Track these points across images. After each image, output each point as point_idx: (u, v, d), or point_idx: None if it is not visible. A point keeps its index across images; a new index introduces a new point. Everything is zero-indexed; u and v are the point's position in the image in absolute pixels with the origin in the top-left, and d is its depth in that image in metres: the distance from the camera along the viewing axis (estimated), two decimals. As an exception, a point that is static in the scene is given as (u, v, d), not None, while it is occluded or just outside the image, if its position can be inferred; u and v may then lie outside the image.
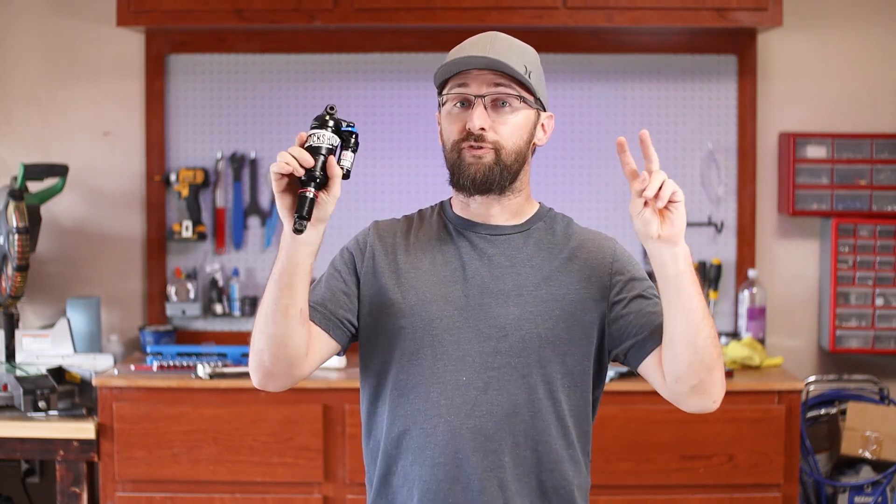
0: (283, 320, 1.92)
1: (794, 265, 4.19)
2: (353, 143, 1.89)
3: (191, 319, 4.19)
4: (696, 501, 3.62)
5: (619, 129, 4.11)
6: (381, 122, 4.16)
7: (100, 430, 3.61)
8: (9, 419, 3.57)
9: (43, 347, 3.87)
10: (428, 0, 3.82)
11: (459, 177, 2.00)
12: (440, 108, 2.06)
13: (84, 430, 3.58)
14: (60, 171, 3.98)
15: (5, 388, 3.61)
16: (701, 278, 4.06)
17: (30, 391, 3.58)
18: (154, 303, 4.19)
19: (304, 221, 1.83)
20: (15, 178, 3.87)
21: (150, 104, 4.17)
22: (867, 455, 3.81)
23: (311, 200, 1.83)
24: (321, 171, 1.84)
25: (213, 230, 4.19)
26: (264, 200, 4.18)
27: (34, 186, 3.98)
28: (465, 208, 2.07)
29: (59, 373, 3.70)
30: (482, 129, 1.97)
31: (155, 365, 3.77)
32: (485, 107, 1.97)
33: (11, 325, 3.89)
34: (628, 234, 4.13)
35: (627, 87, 4.14)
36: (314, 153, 1.84)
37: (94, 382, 3.64)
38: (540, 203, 2.12)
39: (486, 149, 1.97)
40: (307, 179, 1.84)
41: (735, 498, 3.62)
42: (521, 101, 1.99)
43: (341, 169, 1.87)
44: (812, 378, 4.05)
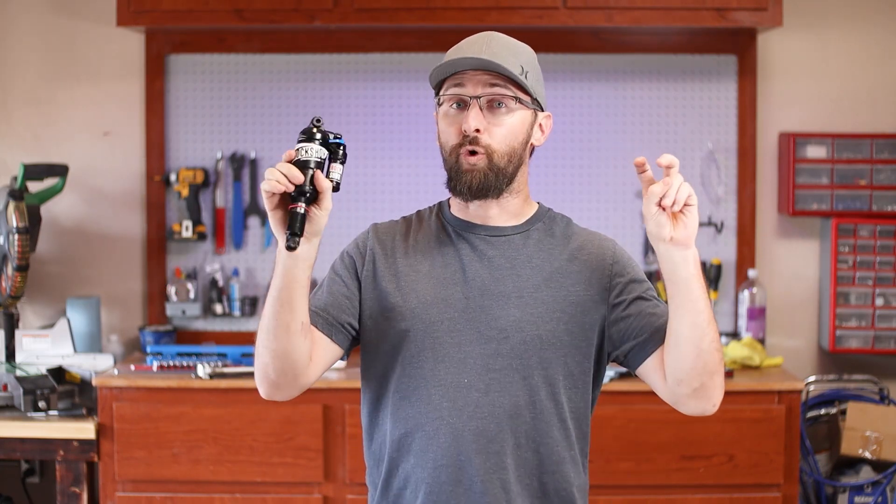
0: (285, 335, 1.92)
1: (794, 265, 4.18)
2: (341, 155, 1.88)
3: (191, 319, 4.19)
4: (696, 501, 3.62)
5: (619, 129, 4.11)
6: (381, 122, 4.16)
7: (100, 430, 3.61)
8: (9, 419, 3.57)
9: (43, 347, 3.87)
10: (428, 0, 3.82)
11: (456, 183, 2.00)
12: (437, 108, 2.05)
13: (84, 430, 3.58)
14: (60, 171, 3.98)
15: (5, 388, 3.61)
16: (701, 278, 4.06)
17: (30, 391, 3.58)
18: (154, 303, 4.19)
19: (296, 238, 1.83)
20: (15, 178, 3.87)
21: (150, 104, 4.17)
22: (867, 455, 3.81)
23: (302, 216, 1.83)
24: (311, 186, 1.83)
25: (213, 230, 4.19)
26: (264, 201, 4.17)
27: (34, 186, 3.98)
28: (463, 209, 2.06)
29: (59, 373, 3.70)
30: (477, 130, 1.96)
31: (155, 365, 3.77)
32: (480, 108, 1.97)
33: (11, 325, 3.89)
34: (628, 234, 4.19)
35: (627, 87, 4.14)
36: (303, 168, 1.83)
37: (94, 382, 3.64)
38: (539, 203, 2.11)
39: (480, 154, 1.97)
40: (297, 195, 1.83)
41: (735, 498, 3.62)
42: (517, 101, 1.99)
43: (331, 182, 1.86)
44: (812, 378, 4.05)
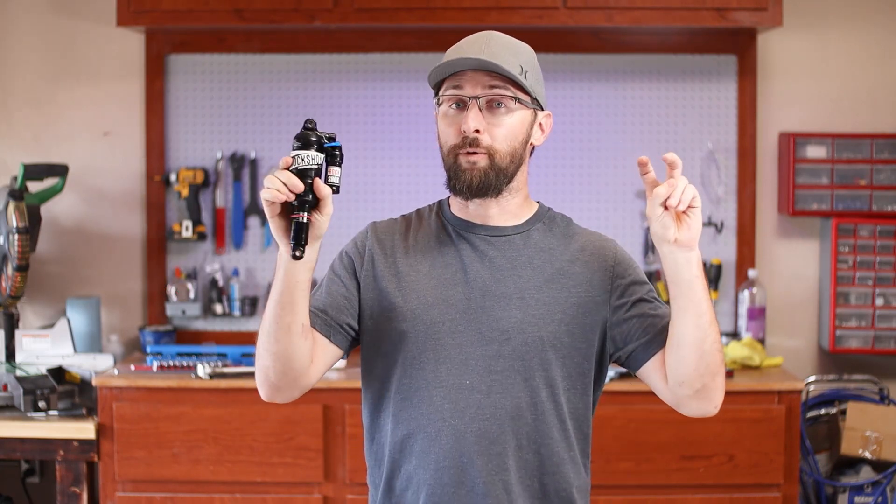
0: (286, 337, 1.93)
1: (794, 265, 4.18)
2: (338, 158, 1.88)
3: (191, 319, 4.19)
4: (696, 501, 3.62)
5: (619, 129, 4.11)
6: (381, 122, 4.16)
7: (100, 430, 3.61)
8: (9, 419, 3.57)
9: (43, 347, 3.87)
10: (428, 0, 3.82)
11: (456, 182, 1.99)
12: (437, 108, 2.05)
13: (84, 430, 3.58)
14: (60, 171, 3.98)
15: (5, 388, 3.61)
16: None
17: (30, 391, 3.58)
18: (154, 303, 4.19)
19: (301, 248, 1.83)
20: (15, 178, 3.87)
21: (150, 104, 4.17)
22: (867, 455, 3.81)
23: (305, 226, 1.83)
24: (311, 194, 1.83)
25: (213, 230, 4.19)
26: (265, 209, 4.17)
27: (34, 186, 3.98)
28: (463, 209, 2.06)
29: (59, 373, 3.70)
30: (477, 131, 1.96)
31: (155, 365, 3.77)
32: (479, 108, 1.96)
33: (11, 325, 3.89)
34: (628, 234, 4.18)
35: (627, 87, 4.14)
36: (302, 176, 1.83)
37: (94, 382, 3.64)
38: (539, 202, 2.11)
39: (481, 154, 1.97)
40: (299, 204, 1.83)
41: (735, 498, 3.62)
42: (517, 101, 1.98)
43: (330, 187, 1.86)
44: (812, 378, 4.05)
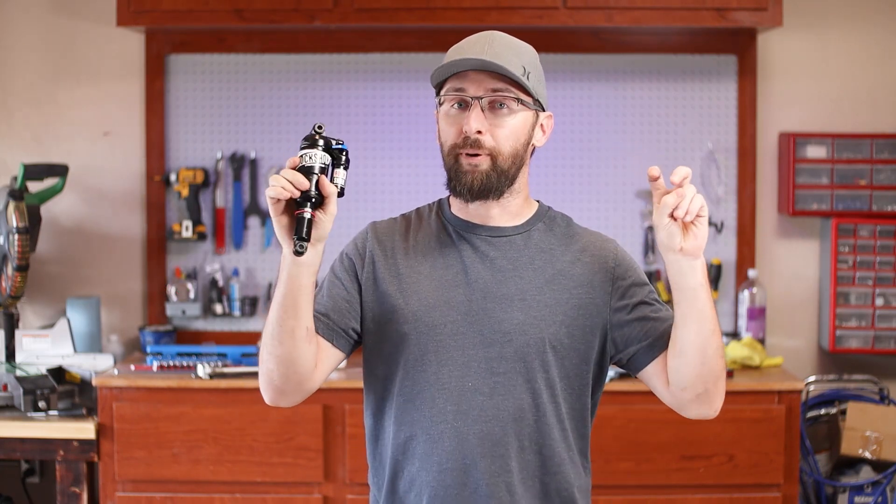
0: (290, 341, 1.92)
1: (794, 265, 4.18)
2: (344, 161, 1.89)
3: (191, 319, 4.19)
4: (696, 501, 3.62)
5: (619, 129, 4.11)
6: (381, 122, 4.16)
7: (100, 430, 3.61)
8: (9, 419, 3.57)
9: (43, 347, 3.87)
10: (428, 0, 3.82)
11: (456, 184, 1.98)
12: (438, 107, 2.04)
13: (84, 430, 3.58)
14: (60, 171, 3.98)
15: (5, 388, 3.61)
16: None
17: (30, 391, 3.57)
18: (154, 303, 4.19)
19: (304, 243, 1.83)
20: (15, 178, 3.87)
21: (150, 104, 4.16)
22: (867, 455, 3.81)
23: (309, 221, 1.83)
24: (316, 191, 1.84)
25: (213, 230, 4.19)
26: (264, 201, 4.15)
27: (34, 186, 3.98)
28: (463, 209, 2.05)
29: (59, 373, 3.70)
30: (479, 132, 1.95)
31: (155, 365, 3.77)
32: (482, 109, 1.96)
33: (11, 325, 3.89)
34: (628, 234, 4.18)
35: (627, 87, 4.14)
36: (307, 174, 1.83)
37: (94, 382, 3.64)
38: (539, 202, 2.10)
39: (483, 156, 1.96)
40: (303, 201, 1.83)
41: (735, 498, 3.62)
42: (519, 102, 1.97)
43: (335, 187, 1.87)
44: (812, 378, 4.05)
